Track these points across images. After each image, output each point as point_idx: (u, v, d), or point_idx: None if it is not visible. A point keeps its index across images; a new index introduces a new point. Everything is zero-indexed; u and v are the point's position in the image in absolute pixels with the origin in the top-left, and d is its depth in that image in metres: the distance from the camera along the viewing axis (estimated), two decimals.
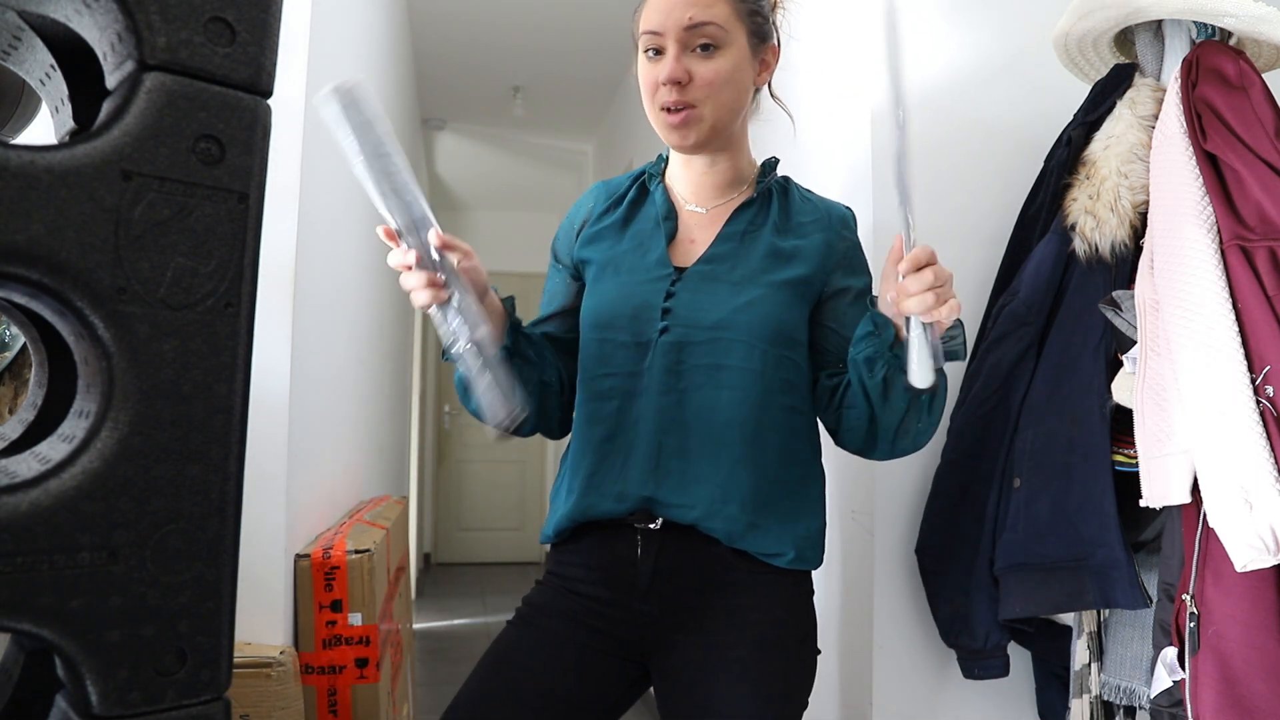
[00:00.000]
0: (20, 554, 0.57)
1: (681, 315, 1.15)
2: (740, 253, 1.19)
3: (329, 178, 1.96)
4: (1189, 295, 1.07)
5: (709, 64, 1.13)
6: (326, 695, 1.66)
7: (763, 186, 1.24)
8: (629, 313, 1.17)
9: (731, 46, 1.14)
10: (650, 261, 1.21)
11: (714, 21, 1.12)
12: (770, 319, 1.14)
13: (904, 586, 1.56)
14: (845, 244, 1.23)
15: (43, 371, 0.79)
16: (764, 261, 1.18)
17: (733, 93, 1.16)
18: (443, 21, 3.82)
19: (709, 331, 1.13)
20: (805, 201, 1.27)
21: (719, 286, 1.16)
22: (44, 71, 0.78)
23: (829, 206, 1.26)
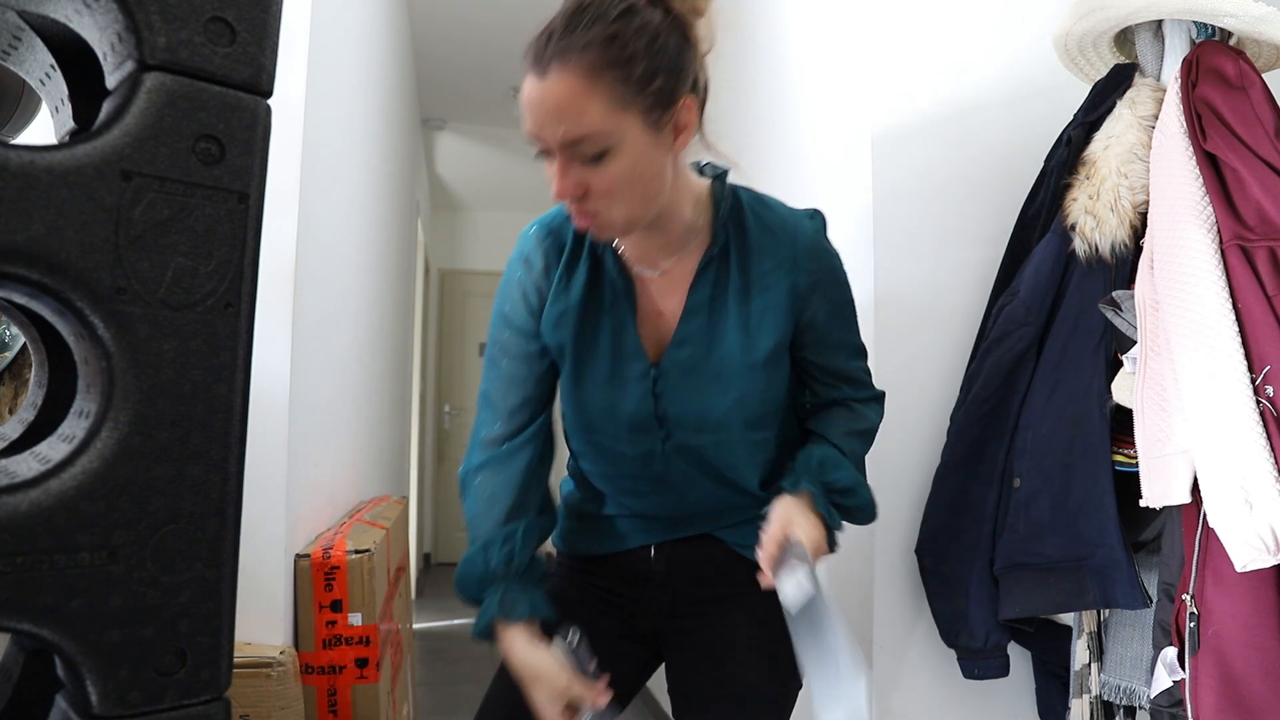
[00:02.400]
0: (20, 554, 0.57)
1: (677, 420, 1.16)
2: (711, 329, 1.13)
3: (329, 178, 1.96)
4: (1189, 295, 1.07)
5: (601, 173, 1.00)
6: (326, 695, 1.66)
7: (720, 233, 1.14)
8: (624, 423, 1.19)
9: (623, 144, 0.99)
10: (625, 351, 1.15)
11: (591, 132, 0.98)
12: (762, 407, 1.16)
13: (904, 586, 1.56)
14: (811, 278, 1.13)
15: (43, 371, 0.79)
16: (737, 338, 1.12)
17: (640, 188, 1.04)
18: (443, 22, 3.82)
19: (710, 434, 1.16)
20: (765, 234, 1.15)
21: (702, 381, 1.13)
22: (44, 71, 0.78)
23: (791, 234, 1.14)
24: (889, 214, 1.61)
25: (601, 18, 0.99)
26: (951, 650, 1.47)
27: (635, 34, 0.99)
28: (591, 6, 0.99)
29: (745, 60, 2.42)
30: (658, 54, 1.00)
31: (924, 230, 1.61)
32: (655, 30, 1.00)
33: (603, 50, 0.97)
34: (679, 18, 1.03)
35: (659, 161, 1.05)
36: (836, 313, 1.16)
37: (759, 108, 2.29)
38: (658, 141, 1.03)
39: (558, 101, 0.98)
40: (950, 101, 1.62)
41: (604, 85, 0.97)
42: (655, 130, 1.02)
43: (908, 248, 1.60)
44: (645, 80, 0.99)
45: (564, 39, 0.98)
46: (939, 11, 1.64)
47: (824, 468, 1.14)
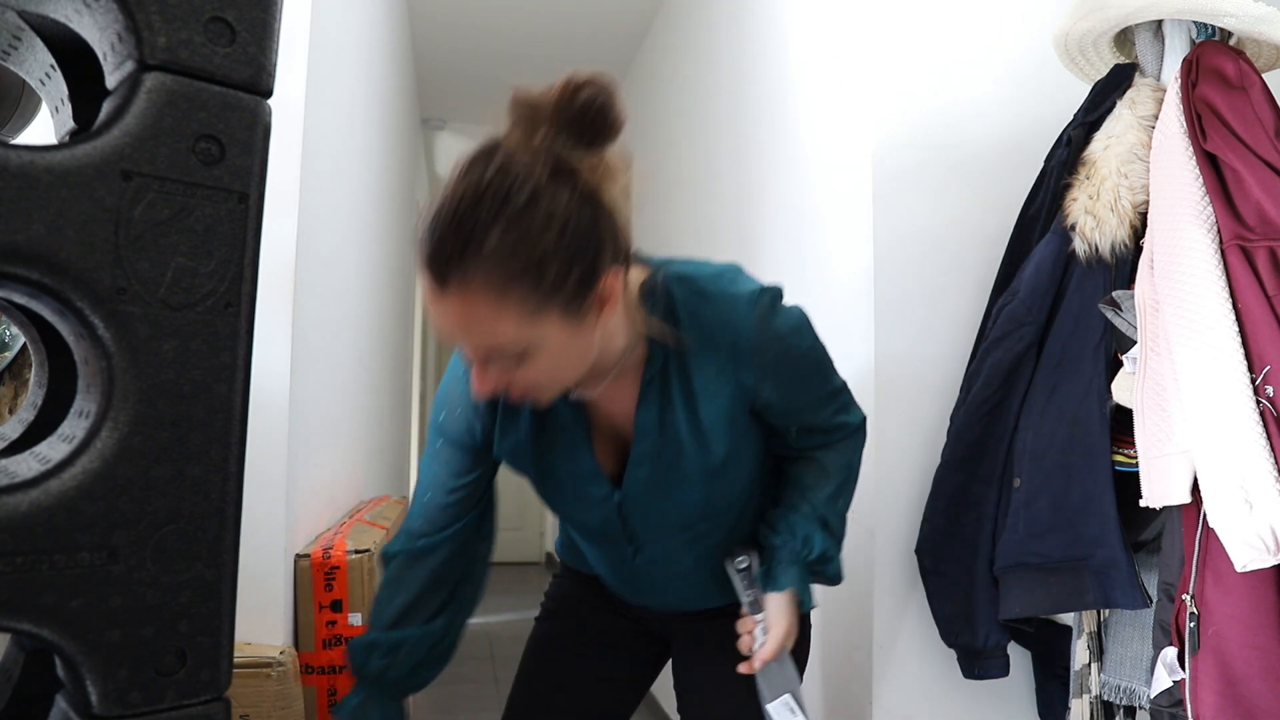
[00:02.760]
0: (20, 554, 0.57)
1: (645, 533, 1.18)
2: (665, 445, 1.10)
3: (329, 178, 1.96)
4: (1189, 295, 1.07)
5: (524, 371, 0.93)
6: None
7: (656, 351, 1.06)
8: (594, 533, 1.21)
9: (543, 345, 0.91)
10: (585, 475, 1.13)
11: (505, 343, 0.90)
12: (726, 505, 1.17)
13: (904, 586, 1.56)
14: (758, 372, 1.07)
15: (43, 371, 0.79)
16: (693, 448, 1.09)
17: (566, 371, 0.97)
18: (443, 22, 3.82)
19: (678, 535, 1.18)
20: (703, 340, 1.06)
21: (665, 494, 1.13)
22: (44, 71, 0.78)
23: (731, 333, 1.05)
24: (889, 213, 1.61)
25: (500, 215, 0.86)
26: (951, 650, 1.47)
27: (542, 229, 0.87)
28: (488, 197, 0.86)
29: (745, 61, 2.42)
30: (570, 244, 0.88)
31: (924, 230, 1.61)
32: (564, 217, 0.88)
33: (508, 261, 0.86)
34: (589, 190, 0.91)
35: (585, 342, 0.96)
36: (796, 385, 1.11)
37: (758, 109, 2.29)
38: (582, 327, 0.94)
39: (462, 318, 0.89)
40: (950, 101, 1.62)
41: (514, 298, 0.87)
42: (578, 319, 0.92)
43: (908, 247, 1.60)
44: (560, 279, 0.88)
45: (461, 246, 0.86)
46: (939, 11, 1.64)
47: (808, 543, 1.15)
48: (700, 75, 2.94)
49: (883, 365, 1.59)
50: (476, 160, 0.89)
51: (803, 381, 1.12)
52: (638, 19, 3.75)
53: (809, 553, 1.15)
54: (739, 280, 1.09)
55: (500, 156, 0.89)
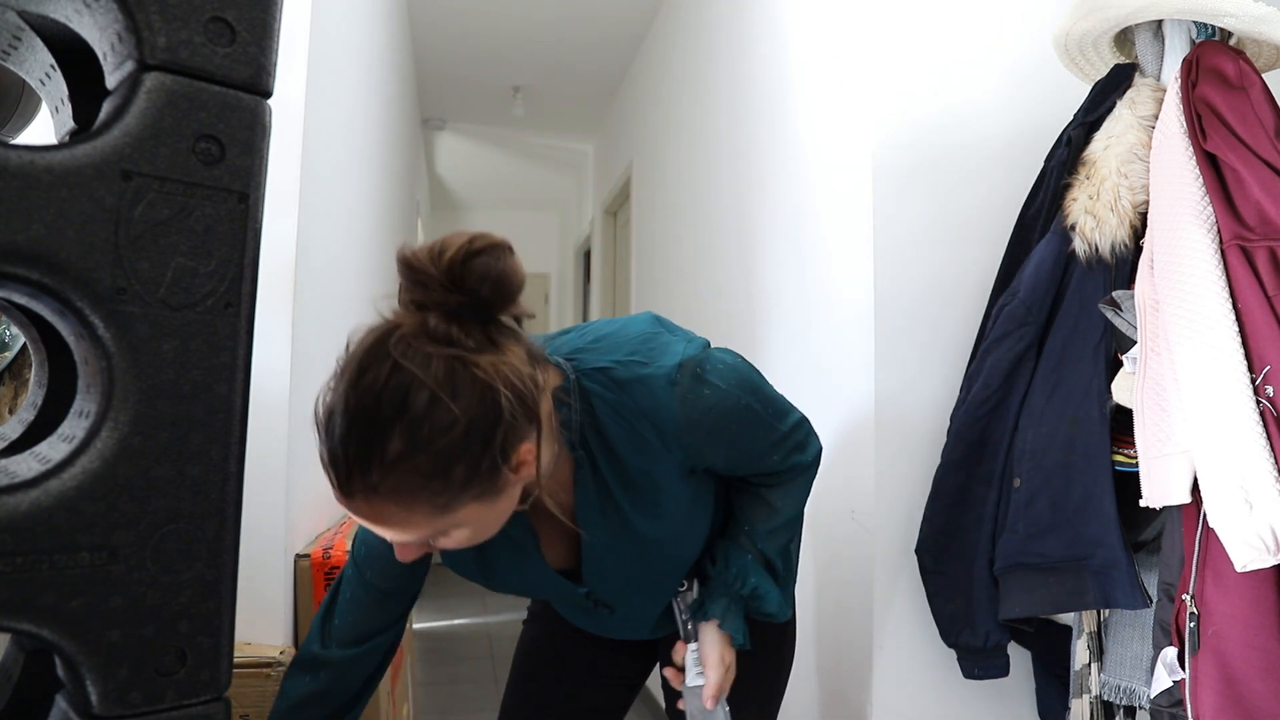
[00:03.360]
0: (20, 554, 0.57)
1: (617, 599, 1.18)
2: (614, 533, 1.09)
3: (329, 178, 1.96)
4: (1189, 295, 1.07)
5: (448, 542, 0.94)
6: None
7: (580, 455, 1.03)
8: (561, 602, 1.23)
9: (461, 524, 0.91)
10: (540, 579, 1.13)
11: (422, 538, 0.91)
12: (693, 554, 1.18)
13: (904, 586, 1.56)
14: (691, 449, 1.04)
15: (43, 371, 0.79)
16: (644, 525, 1.08)
17: (491, 528, 0.96)
18: (443, 22, 3.82)
19: (650, 592, 1.19)
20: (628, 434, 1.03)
21: (628, 570, 1.13)
22: (44, 71, 0.78)
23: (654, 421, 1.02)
24: (889, 214, 1.61)
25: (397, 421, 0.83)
26: (951, 650, 1.47)
27: (443, 435, 0.84)
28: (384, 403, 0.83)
29: (745, 61, 2.42)
30: (474, 442, 0.85)
31: (924, 230, 1.61)
32: (466, 419, 0.85)
33: (410, 469, 0.83)
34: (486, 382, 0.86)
35: (505, 506, 0.94)
36: (738, 444, 1.08)
37: (759, 109, 2.29)
38: (499, 497, 0.92)
39: (374, 521, 0.88)
40: (950, 101, 1.62)
41: (422, 503, 0.86)
42: (493, 494, 0.90)
43: (908, 248, 1.60)
44: (468, 475, 0.86)
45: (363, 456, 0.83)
46: (939, 12, 1.64)
47: (741, 577, 1.15)
48: (700, 75, 2.94)
49: (882, 366, 1.59)
50: (366, 355, 0.86)
51: (743, 441, 1.08)
52: (638, 19, 3.75)
53: (741, 586, 1.14)
54: (654, 354, 1.03)
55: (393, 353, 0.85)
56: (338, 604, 1.14)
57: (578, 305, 6.54)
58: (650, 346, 1.04)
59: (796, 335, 1.97)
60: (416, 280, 0.88)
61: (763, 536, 1.17)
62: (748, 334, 2.30)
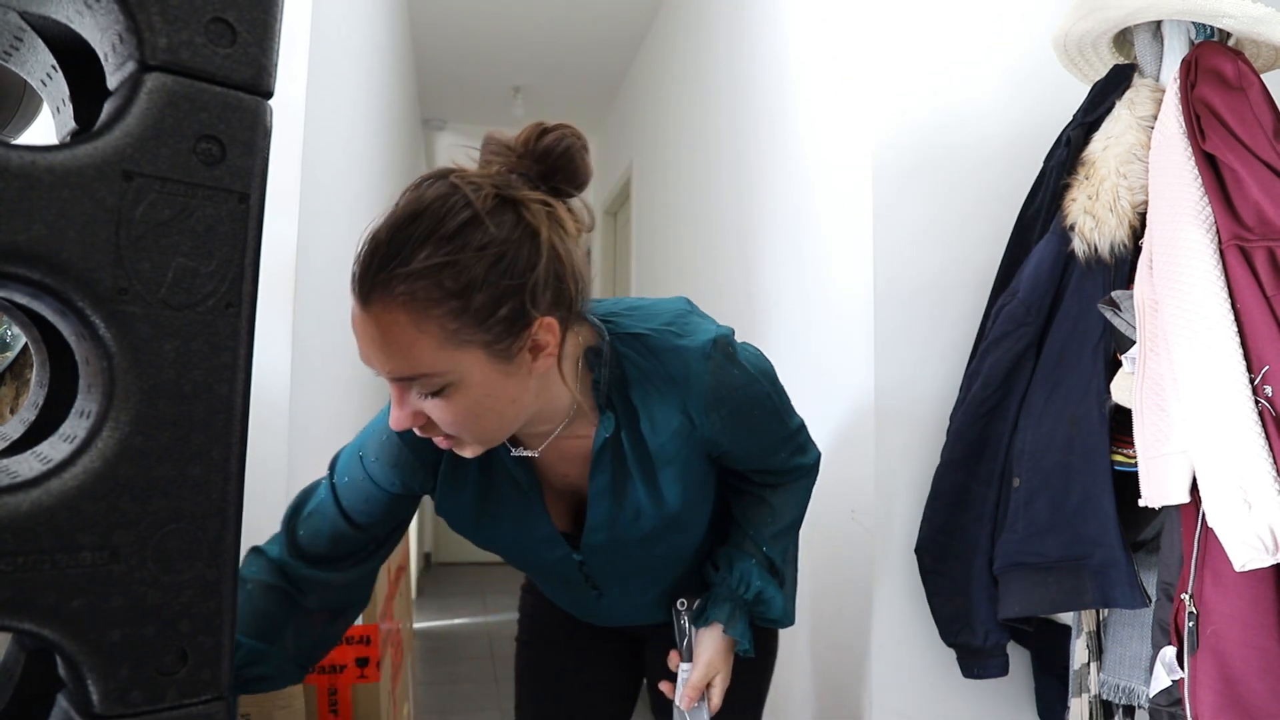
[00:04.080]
0: (22, 553, 0.57)
1: (608, 580, 1.18)
2: (621, 508, 1.07)
3: (330, 178, 1.96)
4: (1188, 295, 1.07)
5: (443, 408, 0.88)
6: (327, 695, 1.66)
7: (606, 415, 1.02)
8: (555, 579, 1.21)
9: (464, 380, 0.86)
10: (541, 538, 1.11)
11: (423, 371, 0.85)
12: (687, 546, 1.18)
13: (904, 586, 1.56)
14: (714, 426, 1.04)
15: (44, 371, 0.79)
16: (650, 506, 1.07)
17: (491, 417, 0.90)
18: (443, 22, 3.82)
19: (641, 577, 1.19)
20: (657, 402, 1.01)
21: (624, 549, 1.12)
22: (45, 72, 0.78)
23: (683, 390, 1.01)
24: (889, 213, 1.61)
25: (433, 234, 0.83)
26: (951, 650, 1.47)
27: (474, 256, 0.83)
28: (425, 215, 0.83)
29: (745, 62, 2.42)
30: (503, 276, 0.84)
31: (923, 230, 1.61)
32: (500, 248, 0.84)
33: (433, 280, 0.82)
34: (531, 225, 0.87)
35: (512, 389, 0.90)
36: (753, 433, 1.09)
37: (758, 109, 2.29)
38: (508, 370, 0.88)
39: (381, 337, 0.84)
40: (950, 102, 1.63)
41: (434, 322, 0.83)
42: (505, 360, 0.87)
43: (907, 247, 1.61)
44: (487, 310, 0.84)
45: (388, 261, 0.82)
46: (939, 12, 1.64)
47: (744, 581, 1.15)
48: (700, 76, 2.94)
49: (882, 365, 1.59)
50: (425, 180, 0.87)
51: (760, 428, 1.09)
52: (638, 20, 3.75)
53: (745, 590, 1.14)
54: (688, 329, 1.03)
55: (450, 179, 0.86)
56: (303, 514, 1.08)
57: None
58: (685, 322, 1.04)
59: (796, 335, 1.97)
60: (491, 150, 0.91)
61: (767, 540, 1.17)
62: (748, 334, 2.30)
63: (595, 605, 1.23)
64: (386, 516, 1.09)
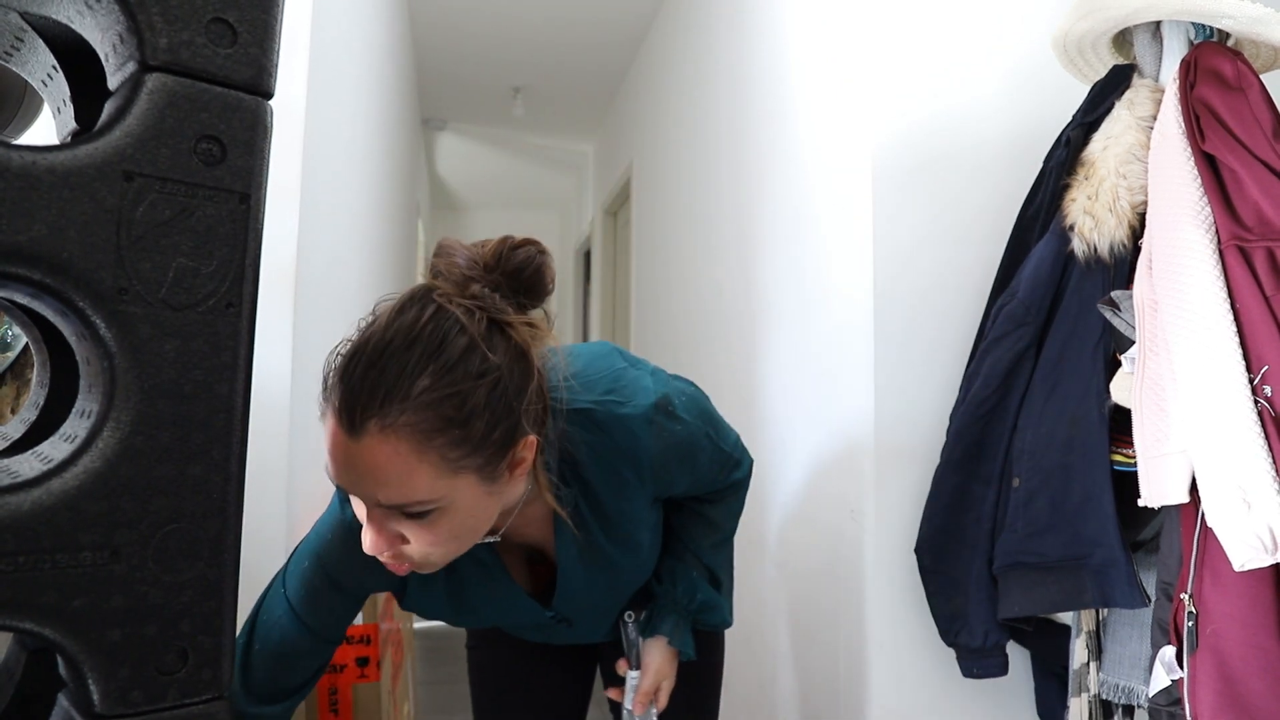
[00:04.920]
0: (22, 553, 0.57)
1: (576, 616, 1.20)
2: (590, 566, 1.11)
3: (330, 178, 1.96)
4: (1187, 295, 1.07)
5: (425, 529, 0.86)
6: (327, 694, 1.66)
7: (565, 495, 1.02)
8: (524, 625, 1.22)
9: (454, 504, 0.86)
10: (509, 603, 1.13)
11: (417, 499, 0.83)
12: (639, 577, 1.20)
13: (903, 586, 1.56)
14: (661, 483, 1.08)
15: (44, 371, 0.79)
16: (617, 555, 1.11)
17: (470, 536, 0.91)
18: (443, 22, 3.82)
19: (605, 608, 1.22)
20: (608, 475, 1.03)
21: (591, 589, 1.15)
22: (46, 72, 0.79)
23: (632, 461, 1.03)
24: (889, 214, 1.61)
25: (432, 361, 0.81)
26: (950, 649, 1.47)
27: (475, 384, 0.82)
28: (421, 342, 0.81)
29: (745, 64, 2.42)
30: (499, 401, 0.84)
31: (923, 231, 1.61)
32: (497, 374, 0.84)
33: (436, 410, 0.80)
34: (521, 348, 0.88)
35: (493, 506, 0.91)
36: (696, 469, 1.13)
37: (758, 111, 2.29)
38: (494, 490, 0.89)
39: (375, 469, 0.81)
40: (949, 103, 1.63)
41: (435, 451, 0.82)
42: (492, 481, 0.88)
43: (907, 248, 1.61)
44: (484, 435, 0.84)
45: (386, 390, 0.80)
46: (938, 14, 1.64)
47: (689, 592, 1.20)
48: (700, 77, 2.94)
49: (881, 366, 1.59)
50: (409, 303, 0.85)
51: (703, 464, 1.15)
52: (638, 21, 3.75)
53: (689, 600, 1.20)
54: (626, 393, 1.04)
55: (437, 302, 0.85)
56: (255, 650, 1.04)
57: (578, 305, 6.54)
58: (622, 384, 1.05)
59: (796, 335, 1.97)
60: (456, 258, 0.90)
61: (707, 552, 1.23)
62: (748, 334, 2.30)
63: (566, 632, 1.25)
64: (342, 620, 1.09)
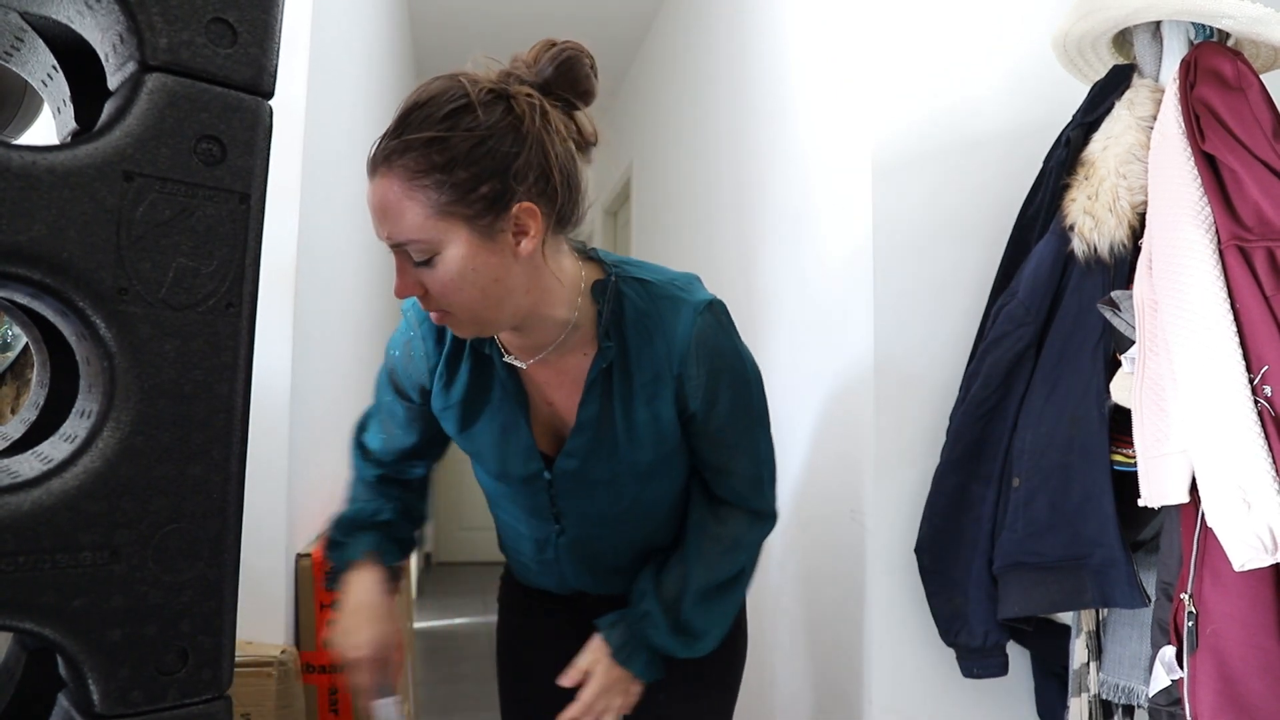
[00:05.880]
0: (22, 553, 0.57)
1: (570, 516, 1.21)
2: (599, 442, 1.13)
3: (330, 178, 1.96)
4: (1187, 295, 1.07)
5: (432, 275, 0.98)
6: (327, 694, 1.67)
7: (605, 345, 1.09)
8: (522, 503, 1.23)
9: (449, 250, 0.97)
10: (518, 450, 1.16)
11: (410, 238, 0.96)
12: (649, 506, 1.21)
13: (903, 586, 1.56)
14: (689, 380, 1.10)
15: (45, 371, 0.79)
16: (625, 449, 1.13)
17: (477, 292, 0.99)
18: (443, 22, 3.82)
19: (602, 524, 1.22)
20: (644, 342, 1.09)
21: (592, 485, 1.16)
22: (46, 72, 0.79)
23: (669, 338, 1.09)
24: (888, 214, 1.61)
25: (429, 119, 0.95)
26: (950, 649, 1.47)
27: (461, 136, 0.94)
28: (426, 105, 0.96)
29: (745, 62, 2.43)
30: (484, 158, 0.95)
31: (923, 231, 1.61)
32: (486, 132, 0.95)
33: (421, 155, 0.94)
34: (518, 116, 0.97)
35: (497, 267, 0.99)
36: (720, 410, 1.13)
37: (759, 110, 2.29)
38: (492, 248, 0.98)
39: (379, 205, 0.97)
40: (950, 102, 1.63)
41: (421, 191, 0.95)
42: (487, 237, 0.97)
43: (907, 248, 1.61)
44: (468, 186, 0.95)
45: (391, 140, 0.96)
46: (939, 13, 1.64)
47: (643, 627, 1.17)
48: (700, 77, 2.94)
49: (882, 366, 1.59)
50: (439, 77, 0.99)
51: (730, 409, 1.13)
52: (638, 20, 3.75)
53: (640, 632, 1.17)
54: (692, 289, 1.13)
55: (455, 76, 0.98)
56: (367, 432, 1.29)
57: None
58: (692, 283, 1.15)
59: (796, 335, 1.98)
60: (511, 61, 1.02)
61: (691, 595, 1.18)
62: (748, 334, 2.29)
63: (555, 546, 1.23)
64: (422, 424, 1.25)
